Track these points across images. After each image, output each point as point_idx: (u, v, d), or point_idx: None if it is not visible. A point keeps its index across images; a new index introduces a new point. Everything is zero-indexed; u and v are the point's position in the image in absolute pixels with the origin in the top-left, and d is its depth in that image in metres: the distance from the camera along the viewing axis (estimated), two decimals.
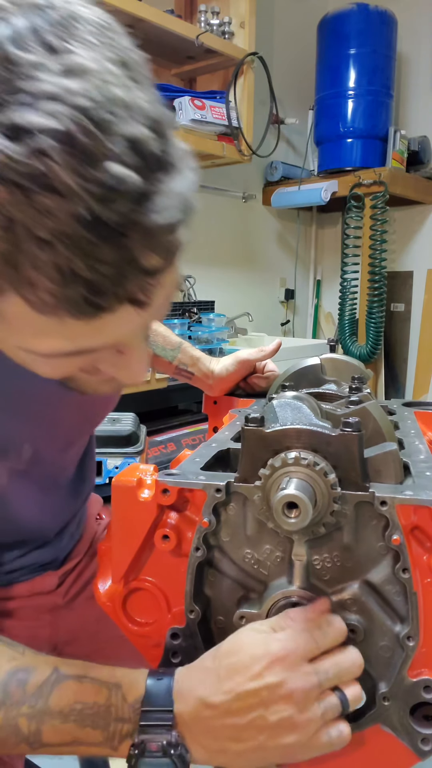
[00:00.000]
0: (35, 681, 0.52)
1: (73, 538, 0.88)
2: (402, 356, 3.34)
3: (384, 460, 0.55)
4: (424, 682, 0.52)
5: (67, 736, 0.51)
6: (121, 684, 0.52)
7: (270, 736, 0.49)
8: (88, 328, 0.40)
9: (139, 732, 0.49)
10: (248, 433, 0.53)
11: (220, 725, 0.49)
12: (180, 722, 0.50)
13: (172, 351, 1.03)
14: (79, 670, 0.53)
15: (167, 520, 0.56)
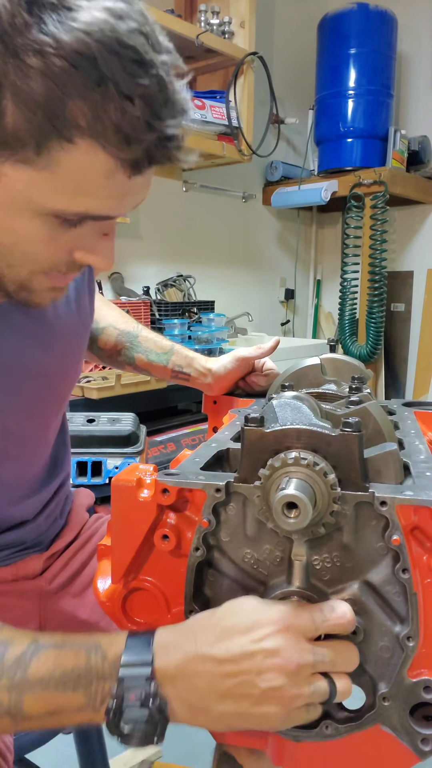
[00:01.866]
0: (13, 653, 0.51)
1: (56, 522, 0.89)
2: (402, 356, 3.34)
3: (384, 460, 0.55)
4: (424, 683, 0.52)
5: (49, 704, 0.50)
6: (100, 644, 0.51)
7: (255, 702, 0.49)
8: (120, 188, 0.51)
9: (118, 684, 0.49)
10: (248, 433, 0.53)
11: (207, 682, 0.49)
12: (162, 676, 0.49)
13: (165, 355, 1.03)
14: (58, 639, 0.52)
15: (167, 520, 0.56)
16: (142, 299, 2.29)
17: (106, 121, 0.46)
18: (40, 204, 0.51)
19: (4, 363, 0.70)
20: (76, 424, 1.63)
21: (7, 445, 0.74)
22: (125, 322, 1.06)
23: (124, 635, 0.52)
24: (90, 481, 1.59)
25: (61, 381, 0.81)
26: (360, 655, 0.54)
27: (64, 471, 0.90)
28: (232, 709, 0.49)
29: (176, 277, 2.67)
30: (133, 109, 0.47)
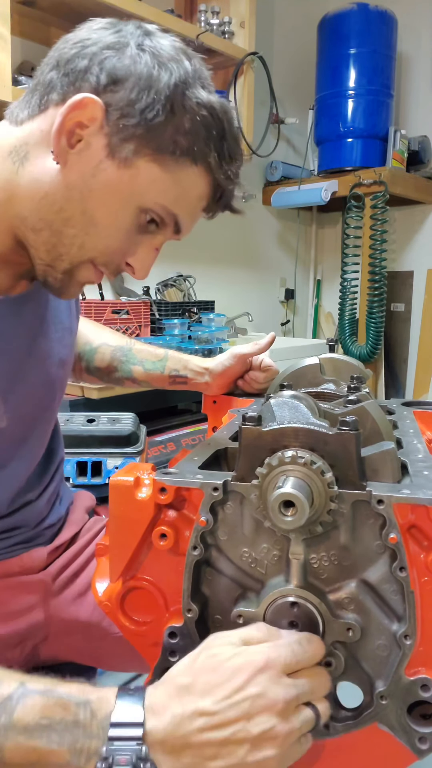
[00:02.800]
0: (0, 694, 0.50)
1: (55, 511, 0.91)
2: (402, 356, 3.34)
3: (381, 459, 0.55)
4: (421, 681, 0.52)
5: (31, 754, 0.48)
6: (90, 700, 0.50)
7: (251, 749, 0.48)
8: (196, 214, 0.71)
9: (108, 746, 0.47)
10: (246, 432, 0.53)
11: (198, 742, 0.48)
12: (151, 739, 0.48)
13: (160, 362, 1.05)
14: (47, 685, 0.51)
15: (165, 518, 0.56)
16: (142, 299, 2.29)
17: (219, 163, 0.67)
18: (150, 198, 0.66)
19: (7, 349, 0.74)
20: (76, 424, 1.63)
21: (13, 428, 0.77)
22: (117, 338, 1.09)
23: (114, 692, 0.51)
24: (90, 481, 1.59)
25: (57, 368, 0.84)
26: (357, 653, 0.54)
27: (59, 457, 0.93)
28: (228, 763, 0.48)
29: (176, 277, 2.67)
30: (233, 163, 0.69)
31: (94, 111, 0.62)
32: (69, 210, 0.66)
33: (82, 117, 0.62)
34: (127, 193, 0.65)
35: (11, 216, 0.68)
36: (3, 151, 0.67)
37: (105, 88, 0.63)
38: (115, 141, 0.63)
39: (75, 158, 0.64)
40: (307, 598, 0.53)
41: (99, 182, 0.64)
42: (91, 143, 0.64)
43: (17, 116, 0.68)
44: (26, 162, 0.66)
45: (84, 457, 1.60)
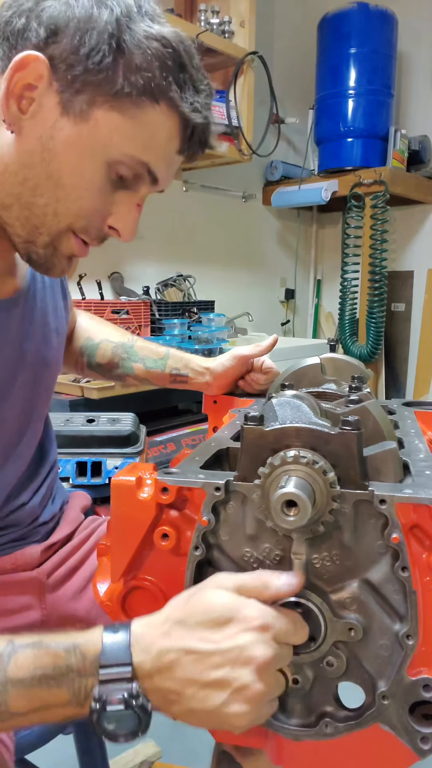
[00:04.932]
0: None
1: (48, 509, 0.91)
2: (402, 356, 3.34)
3: (383, 458, 0.55)
4: (423, 681, 0.52)
5: (34, 700, 0.50)
6: (78, 643, 0.51)
7: (228, 700, 0.49)
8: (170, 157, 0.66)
9: (99, 687, 0.49)
10: (247, 432, 0.53)
11: (182, 678, 0.49)
12: (141, 673, 0.49)
13: (161, 360, 1.05)
14: (35, 638, 0.52)
15: (166, 518, 0.56)
16: (142, 299, 2.29)
17: (183, 96, 0.62)
18: (115, 149, 0.62)
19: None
20: (76, 424, 1.63)
21: (2, 433, 0.77)
22: (120, 335, 1.09)
23: (100, 632, 0.51)
24: (90, 481, 1.59)
25: (43, 370, 0.83)
26: (359, 653, 0.54)
27: (52, 458, 0.93)
28: (205, 706, 0.49)
29: (176, 277, 2.67)
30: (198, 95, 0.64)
31: (38, 68, 0.59)
32: (33, 178, 0.63)
33: (27, 78, 0.59)
34: (89, 149, 0.62)
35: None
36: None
37: (47, 42, 0.59)
38: (67, 96, 0.60)
39: (29, 123, 0.61)
40: (309, 598, 0.53)
41: (58, 143, 0.61)
42: (43, 104, 0.60)
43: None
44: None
45: (84, 457, 1.60)
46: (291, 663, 0.53)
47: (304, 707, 0.56)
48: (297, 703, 0.56)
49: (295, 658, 0.54)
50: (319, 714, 0.56)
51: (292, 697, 0.56)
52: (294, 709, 0.56)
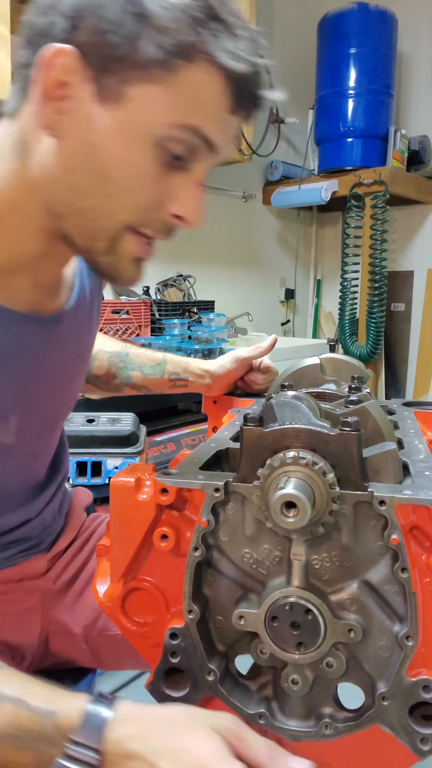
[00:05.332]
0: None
1: (56, 520, 0.90)
2: (402, 356, 3.34)
3: (383, 459, 0.55)
4: (423, 682, 0.52)
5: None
6: (56, 711, 0.50)
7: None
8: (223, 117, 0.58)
9: (62, 760, 0.48)
10: (247, 433, 0.53)
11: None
12: (105, 761, 0.48)
13: (159, 366, 1.04)
14: (18, 692, 0.52)
15: (166, 519, 0.56)
16: (142, 299, 2.29)
17: (219, 47, 0.55)
18: (159, 123, 0.56)
19: (12, 359, 0.70)
20: (76, 424, 1.63)
21: (19, 445, 0.74)
22: (113, 344, 1.07)
23: (83, 705, 0.50)
24: (90, 481, 1.59)
25: (69, 386, 0.82)
26: (359, 654, 0.54)
27: (64, 469, 0.91)
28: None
29: (176, 277, 2.67)
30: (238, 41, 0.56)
31: (67, 60, 0.55)
32: (81, 180, 0.59)
33: (58, 75, 0.55)
34: (133, 133, 0.57)
35: (38, 212, 0.62)
36: (7, 148, 0.62)
37: (71, 33, 0.55)
38: (99, 82, 0.56)
39: (68, 123, 0.57)
40: (308, 599, 0.53)
41: (99, 135, 0.57)
42: (79, 98, 0.56)
43: (9, 108, 0.63)
44: (29, 152, 0.60)
45: (84, 457, 1.60)
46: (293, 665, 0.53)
47: (303, 708, 0.56)
48: (297, 704, 0.56)
49: (296, 659, 0.54)
50: (319, 715, 0.56)
51: (292, 698, 0.56)
52: (293, 710, 0.56)
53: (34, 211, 0.63)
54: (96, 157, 0.58)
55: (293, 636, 0.53)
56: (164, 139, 0.57)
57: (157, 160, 0.58)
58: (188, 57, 0.55)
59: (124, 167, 0.58)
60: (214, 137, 0.59)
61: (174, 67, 0.55)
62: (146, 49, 0.54)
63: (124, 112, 0.56)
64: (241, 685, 0.58)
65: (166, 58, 0.54)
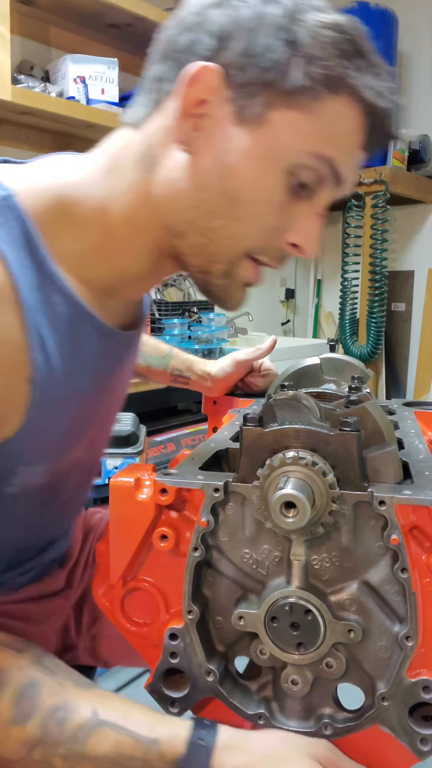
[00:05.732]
0: (74, 722, 0.53)
1: (72, 532, 0.88)
2: (403, 356, 3.34)
3: (383, 459, 0.55)
4: (423, 683, 0.52)
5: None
6: (159, 740, 0.52)
7: None
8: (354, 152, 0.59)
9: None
10: (246, 433, 0.53)
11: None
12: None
13: (164, 359, 1.04)
14: (118, 717, 0.53)
15: (165, 519, 0.56)
16: None
17: (364, 83, 0.56)
18: (296, 150, 0.56)
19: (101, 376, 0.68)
20: None
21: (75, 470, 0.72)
22: None
23: (186, 733, 0.52)
24: None
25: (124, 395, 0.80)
26: (359, 655, 0.54)
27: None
28: None
29: (176, 277, 2.67)
30: (380, 79, 0.58)
31: (210, 80, 0.55)
32: (209, 200, 0.58)
33: (199, 93, 0.55)
34: (268, 156, 0.56)
35: (155, 228, 0.61)
36: (130, 159, 0.60)
37: (216, 51, 0.55)
38: (240, 103, 0.56)
39: (204, 140, 0.57)
40: (308, 600, 0.53)
41: (234, 156, 0.56)
42: (217, 116, 0.56)
43: (134, 118, 0.61)
44: (156, 166, 0.59)
45: None
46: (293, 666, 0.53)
47: (303, 709, 0.56)
48: (296, 704, 0.56)
49: (295, 659, 0.54)
50: (319, 715, 0.56)
51: (292, 699, 0.56)
52: (293, 711, 0.56)
53: (151, 227, 0.61)
54: (228, 178, 0.57)
55: (293, 636, 0.53)
56: (297, 167, 0.57)
57: (286, 186, 0.57)
58: (334, 88, 0.55)
59: (254, 190, 0.57)
60: (344, 170, 0.59)
61: (319, 97, 0.55)
62: (295, 76, 0.54)
63: (262, 136, 0.56)
64: (241, 686, 0.58)
65: (313, 87, 0.55)
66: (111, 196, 0.60)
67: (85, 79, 1.79)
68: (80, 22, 1.94)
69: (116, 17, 1.87)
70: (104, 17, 1.88)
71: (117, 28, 1.96)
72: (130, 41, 2.06)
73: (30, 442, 0.59)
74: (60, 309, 0.58)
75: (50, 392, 0.59)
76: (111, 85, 1.84)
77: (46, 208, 0.58)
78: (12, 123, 1.82)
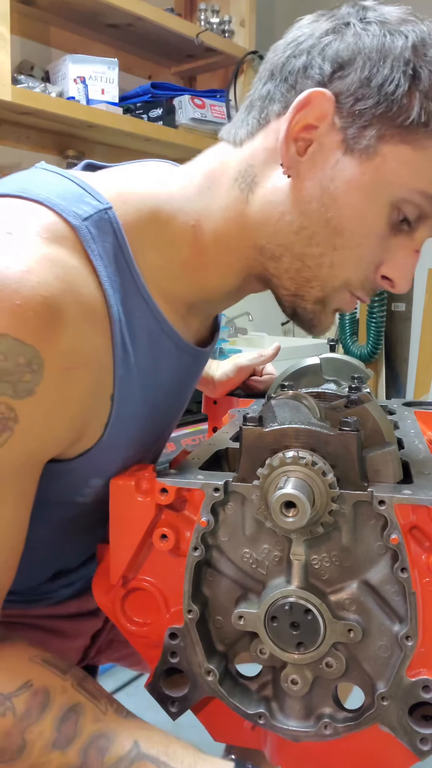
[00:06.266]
0: (115, 752, 0.51)
1: None
2: (403, 356, 3.34)
3: (383, 459, 0.55)
4: (422, 682, 0.52)
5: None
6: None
7: None
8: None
9: None
10: (246, 433, 0.53)
11: None
12: None
13: None
14: (159, 752, 0.52)
15: (166, 519, 0.56)
16: None
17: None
18: (403, 186, 0.56)
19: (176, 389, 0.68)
20: None
21: None
22: None
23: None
24: None
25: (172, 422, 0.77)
26: (358, 654, 0.54)
27: None
28: None
29: None
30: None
31: (323, 106, 0.54)
32: (310, 226, 0.57)
33: (309, 117, 0.55)
34: (375, 189, 0.56)
35: (246, 248, 0.60)
36: (228, 177, 0.60)
37: (331, 78, 0.55)
38: (351, 132, 0.55)
39: (308, 166, 0.56)
40: (308, 599, 0.53)
41: (340, 185, 0.56)
42: (324, 143, 0.56)
43: (235, 135, 0.61)
44: (255, 186, 0.59)
45: None
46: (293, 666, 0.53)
47: (303, 708, 0.56)
48: (296, 704, 0.56)
49: (295, 659, 0.54)
50: (319, 715, 0.56)
51: (292, 698, 0.56)
52: (293, 710, 0.56)
53: (242, 247, 0.60)
54: (332, 207, 0.56)
55: (293, 636, 0.53)
56: (402, 202, 0.56)
57: (387, 219, 0.57)
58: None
59: (357, 222, 0.57)
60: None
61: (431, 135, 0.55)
62: (413, 111, 0.54)
63: (372, 169, 0.55)
64: (241, 685, 0.58)
65: (428, 123, 0.54)
66: (206, 213, 0.60)
67: (85, 80, 1.79)
68: (80, 23, 1.93)
69: (116, 17, 1.87)
70: (104, 17, 1.88)
71: (117, 29, 1.95)
72: (130, 41, 2.06)
73: (105, 454, 0.59)
74: (143, 323, 0.58)
75: (129, 406, 0.58)
76: (111, 85, 1.84)
77: (140, 221, 0.58)
78: (12, 123, 1.82)
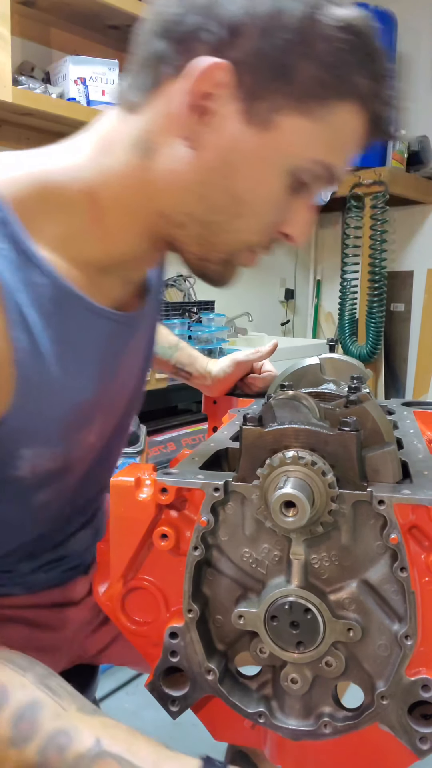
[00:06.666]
0: (75, 750, 0.50)
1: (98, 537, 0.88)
2: (402, 356, 3.34)
3: (382, 459, 0.55)
4: (422, 681, 0.52)
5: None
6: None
7: None
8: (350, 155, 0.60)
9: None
10: (246, 433, 0.53)
11: None
12: None
13: (170, 349, 1.04)
14: (123, 749, 0.50)
15: (166, 519, 0.56)
16: None
17: (371, 90, 0.56)
18: (300, 155, 0.57)
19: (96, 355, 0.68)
20: None
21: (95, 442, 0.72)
22: None
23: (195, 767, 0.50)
24: None
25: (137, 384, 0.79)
26: (358, 653, 0.54)
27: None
28: None
29: (176, 277, 2.67)
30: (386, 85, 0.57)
31: (220, 75, 0.53)
32: (212, 196, 0.58)
33: (206, 86, 0.54)
34: (273, 159, 0.56)
35: (150, 214, 0.61)
36: (123, 144, 0.59)
37: (226, 44, 0.53)
38: (249, 102, 0.55)
39: (208, 136, 0.56)
40: (308, 599, 0.53)
41: (240, 156, 0.56)
42: (224, 113, 0.55)
43: (129, 100, 0.60)
44: (153, 153, 0.58)
45: None
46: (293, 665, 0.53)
47: (303, 707, 0.56)
48: (296, 702, 0.56)
49: (295, 658, 0.54)
50: (318, 714, 0.56)
51: (291, 697, 0.56)
52: (293, 709, 0.57)
53: (145, 212, 0.61)
54: (232, 177, 0.57)
55: (292, 635, 0.54)
56: (299, 170, 0.57)
57: (286, 185, 0.58)
58: (342, 96, 0.55)
59: (257, 191, 0.58)
60: (339, 172, 0.60)
61: (328, 104, 0.55)
62: (307, 81, 0.54)
63: (269, 139, 0.56)
64: (241, 684, 0.58)
65: (323, 94, 0.54)
66: (101, 179, 0.60)
67: (86, 81, 1.80)
68: (81, 24, 1.94)
69: (116, 18, 1.87)
70: (104, 19, 1.88)
71: (117, 30, 1.96)
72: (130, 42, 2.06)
73: (24, 423, 0.59)
74: (44, 290, 0.58)
75: (41, 373, 0.59)
76: (111, 86, 1.84)
77: (26, 195, 0.58)
78: (12, 124, 1.82)
